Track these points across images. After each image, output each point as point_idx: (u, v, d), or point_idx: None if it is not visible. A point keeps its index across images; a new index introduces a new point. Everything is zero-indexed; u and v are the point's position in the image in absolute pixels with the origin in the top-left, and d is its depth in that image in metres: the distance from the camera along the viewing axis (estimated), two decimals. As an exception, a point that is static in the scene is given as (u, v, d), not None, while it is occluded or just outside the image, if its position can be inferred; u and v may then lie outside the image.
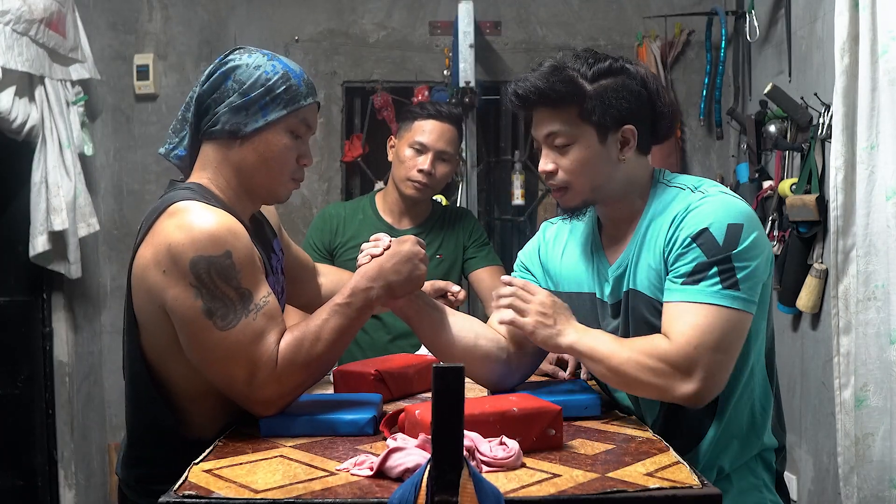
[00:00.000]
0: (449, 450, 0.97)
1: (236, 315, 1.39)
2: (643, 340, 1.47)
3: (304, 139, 1.56)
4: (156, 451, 1.48)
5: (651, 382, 1.43)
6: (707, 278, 1.42)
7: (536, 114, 1.57)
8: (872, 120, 2.13)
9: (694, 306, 1.42)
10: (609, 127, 1.53)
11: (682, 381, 1.41)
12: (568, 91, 1.52)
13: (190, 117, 1.53)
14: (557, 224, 1.78)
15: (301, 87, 1.53)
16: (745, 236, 1.44)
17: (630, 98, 1.53)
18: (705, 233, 1.44)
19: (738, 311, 1.42)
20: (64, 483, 3.27)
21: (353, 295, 1.50)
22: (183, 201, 1.42)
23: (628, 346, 1.47)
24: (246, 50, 1.54)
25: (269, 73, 1.49)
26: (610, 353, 1.47)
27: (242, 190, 1.55)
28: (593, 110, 1.52)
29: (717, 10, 3.45)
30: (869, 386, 2.15)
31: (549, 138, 1.56)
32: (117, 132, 3.62)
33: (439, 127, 2.46)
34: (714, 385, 1.43)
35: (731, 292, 1.42)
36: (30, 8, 2.79)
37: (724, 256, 1.43)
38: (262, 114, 1.49)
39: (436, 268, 2.48)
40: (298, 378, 1.44)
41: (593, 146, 1.54)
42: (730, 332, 1.42)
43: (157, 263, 1.38)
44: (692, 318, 1.42)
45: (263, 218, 1.71)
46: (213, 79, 1.51)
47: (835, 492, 2.67)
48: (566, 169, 1.55)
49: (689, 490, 1.12)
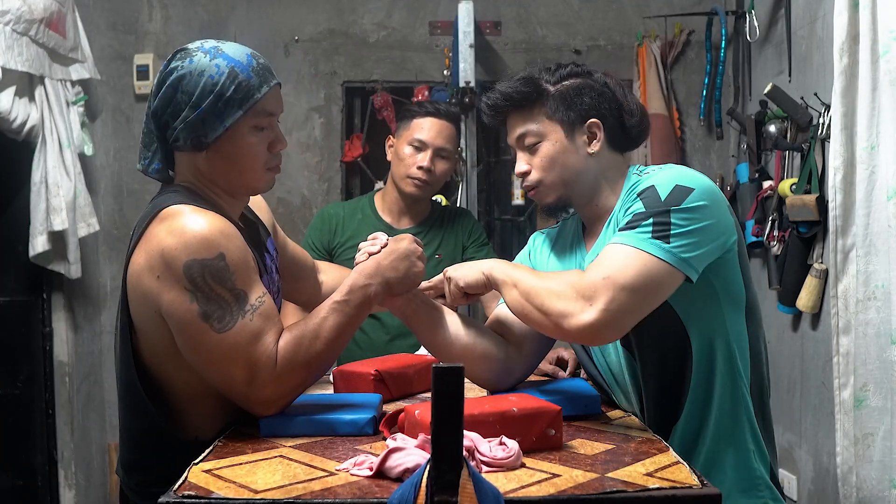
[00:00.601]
0: (449, 450, 0.97)
1: (233, 317, 1.38)
2: (558, 272, 1.57)
3: (270, 127, 1.53)
4: (155, 456, 1.47)
5: (554, 308, 1.43)
6: (639, 227, 1.44)
7: (509, 121, 1.66)
8: (873, 120, 2.13)
9: (618, 247, 1.44)
10: (574, 122, 1.61)
11: (580, 311, 1.40)
12: (532, 91, 1.62)
13: (153, 130, 1.52)
14: (546, 233, 1.84)
15: (252, 79, 1.47)
16: (692, 199, 1.44)
17: (593, 94, 1.62)
18: (650, 189, 1.48)
19: (661, 262, 1.41)
20: (64, 483, 3.27)
21: (351, 292, 1.49)
22: (173, 205, 1.42)
23: (541, 275, 1.53)
24: (186, 53, 1.47)
25: (214, 77, 1.44)
26: (522, 277, 1.51)
27: (223, 191, 1.55)
28: (557, 107, 1.61)
29: (717, 10, 3.45)
30: (869, 386, 2.15)
31: (520, 140, 1.64)
32: (117, 132, 3.62)
33: (438, 124, 2.48)
34: (613, 321, 1.40)
35: (660, 243, 1.41)
36: (30, 8, 2.79)
37: (662, 210, 1.43)
38: (219, 121, 1.46)
39: (435, 268, 2.48)
40: (298, 377, 1.44)
41: (561, 141, 1.61)
42: (647, 279, 1.40)
43: (151, 269, 1.38)
44: (611, 257, 1.43)
45: (256, 218, 1.71)
46: (163, 93, 1.47)
47: (835, 492, 2.67)
48: (537, 166, 1.63)
49: (689, 490, 1.12)
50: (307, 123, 3.65)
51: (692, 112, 3.66)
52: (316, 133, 3.67)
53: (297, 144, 3.64)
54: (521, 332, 1.69)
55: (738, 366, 1.55)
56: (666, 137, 3.49)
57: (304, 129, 3.65)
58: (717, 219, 1.47)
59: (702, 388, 1.54)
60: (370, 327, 2.50)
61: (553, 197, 1.64)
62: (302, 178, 3.65)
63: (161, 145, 1.53)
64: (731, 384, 1.55)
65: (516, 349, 1.68)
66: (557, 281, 1.47)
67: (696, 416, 1.55)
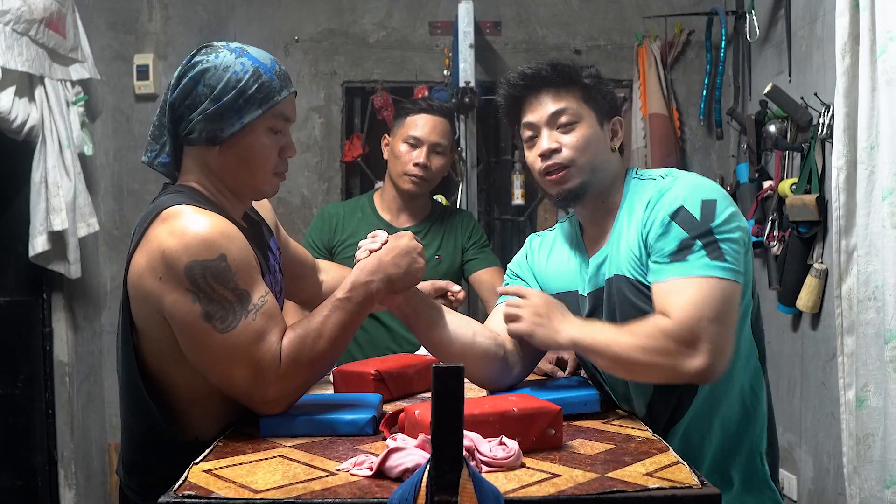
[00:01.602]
0: (448, 450, 0.97)
1: (235, 317, 1.38)
2: (642, 323, 1.46)
3: (283, 133, 1.55)
4: (156, 456, 1.47)
5: (658, 363, 1.42)
6: (693, 252, 1.44)
7: (540, 96, 1.63)
8: (872, 120, 2.12)
9: (686, 280, 1.43)
10: (604, 114, 1.64)
11: (689, 357, 1.40)
12: (572, 73, 1.62)
13: (166, 123, 1.52)
14: (543, 235, 1.84)
15: (274, 82, 1.49)
16: (720, 210, 1.47)
17: (613, 96, 1.66)
18: (682, 210, 1.48)
19: (729, 282, 1.44)
20: (64, 483, 3.27)
21: (353, 289, 1.49)
22: (174, 206, 1.41)
23: (628, 332, 1.46)
24: (212, 49, 1.50)
25: (238, 74, 1.46)
26: (611, 341, 1.47)
27: (228, 191, 1.55)
28: (593, 96, 1.62)
29: (717, 10, 3.45)
30: (869, 386, 2.15)
31: (554, 117, 1.61)
32: (117, 132, 3.62)
33: (432, 120, 2.50)
34: (721, 357, 1.42)
35: (719, 263, 1.43)
36: (30, 8, 2.79)
37: (705, 230, 1.45)
38: (237, 117, 1.47)
39: (434, 269, 2.49)
40: (303, 376, 1.44)
41: (595, 127, 1.62)
42: (725, 303, 1.43)
43: (153, 270, 1.38)
44: (687, 292, 1.42)
45: (260, 217, 1.71)
46: (184, 84, 1.48)
47: (835, 492, 2.68)
48: (571, 145, 1.60)
49: (689, 490, 1.12)
50: (307, 123, 3.65)
51: (692, 112, 3.66)
52: (316, 133, 3.67)
53: (297, 144, 3.57)
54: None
55: (745, 364, 1.56)
56: (666, 137, 3.49)
57: (304, 129, 3.64)
58: (740, 218, 1.51)
59: (709, 388, 1.54)
60: (371, 326, 2.50)
61: (578, 181, 1.60)
62: (302, 177, 3.65)
63: (171, 139, 1.53)
64: (739, 383, 1.56)
65: (515, 348, 1.68)
66: (648, 335, 1.43)
67: (703, 417, 1.55)
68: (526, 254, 1.83)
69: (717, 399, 1.55)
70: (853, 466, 2.21)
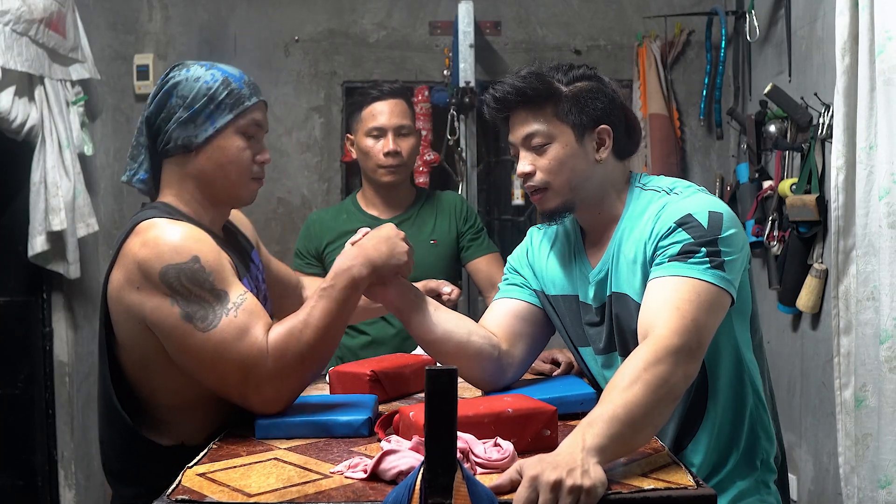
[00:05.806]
0: (442, 452, 0.97)
1: (216, 315, 1.40)
2: (632, 362, 1.30)
3: (257, 138, 1.59)
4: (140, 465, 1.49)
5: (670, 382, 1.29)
6: (695, 256, 1.43)
7: (514, 117, 1.59)
8: (871, 120, 2.12)
9: (683, 280, 1.41)
10: (585, 126, 1.56)
11: (690, 362, 1.34)
12: (544, 90, 1.55)
13: (144, 140, 1.57)
14: (544, 229, 1.79)
15: (243, 90, 1.56)
16: (726, 226, 1.46)
17: (604, 100, 1.58)
18: (690, 218, 1.47)
19: (723, 291, 1.43)
20: (64, 483, 3.28)
21: (335, 276, 1.50)
22: (147, 220, 1.45)
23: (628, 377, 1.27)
24: (184, 65, 1.57)
25: (209, 82, 1.53)
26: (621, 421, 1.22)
27: (207, 201, 1.58)
28: (570, 110, 1.55)
29: (717, 10, 3.45)
30: (867, 386, 2.15)
31: (527, 140, 1.58)
32: (117, 132, 3.61)
33: (388, 105, 2.47)
34: (700, 350, 1.38)
35: (718, 272, 1.42)
36: (30, 8, 2.79)
37: (711, 239, 1.44)
38: (209, 122, 1.53)
39: (431, 253, 2.47)
40: (295, 369, 1.43)
41: (570, 145, 1.56)
42: (715, 310, 1.42)
43: (130, 282, 1.42)
44: (683, 293, 1.40)
45: (237, 229, 1.74)
46: (158, 99, 1.54)
47: (835, 492, 2.67)
48: (544, 168, 1.57)
49: (685, 490, 1.13)
50: (307, 123, 3.65)
51: (692, 112, 3.65)
52: (316, 133, 3.67)
53: (297, 144, 3.64)
54: (515, 330, 1.69)
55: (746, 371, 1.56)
56: (666, 137, 3.48)
57: (304, 129, 3.64)
58: (744, 240, 1.50)
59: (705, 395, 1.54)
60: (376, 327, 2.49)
61: (558, 202, 1.58)
62: (302, 178, 3.65)
63: (149, 156, 1.57)
64: (739, 391, 1.55)
65: (510, 347, 1.68)
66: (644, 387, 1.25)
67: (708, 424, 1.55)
68: (526, 249, 1.80)
69: (715, 402, 1.54)
70: (850, 467, 2.21)
